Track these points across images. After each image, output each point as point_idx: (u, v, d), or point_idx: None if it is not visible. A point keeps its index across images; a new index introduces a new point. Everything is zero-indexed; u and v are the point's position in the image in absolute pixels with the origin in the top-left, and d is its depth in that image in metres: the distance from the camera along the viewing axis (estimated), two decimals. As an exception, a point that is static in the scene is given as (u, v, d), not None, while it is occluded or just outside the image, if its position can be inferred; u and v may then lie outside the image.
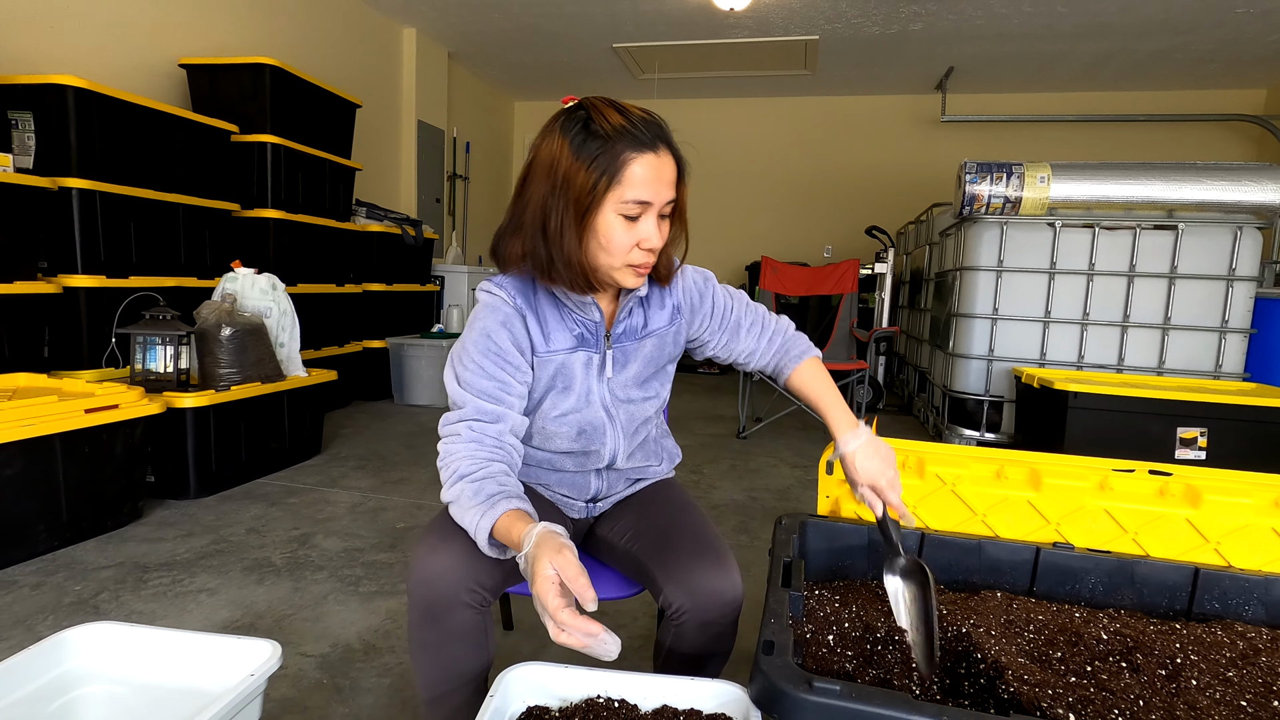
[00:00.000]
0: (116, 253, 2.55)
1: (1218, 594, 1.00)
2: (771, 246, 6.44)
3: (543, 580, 0.72)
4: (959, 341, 3.45)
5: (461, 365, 0.94)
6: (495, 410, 0.91)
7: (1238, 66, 5.11)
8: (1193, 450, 2.59)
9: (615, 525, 1.08)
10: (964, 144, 6.10)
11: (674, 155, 0.89)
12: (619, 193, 0.85)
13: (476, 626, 0.88)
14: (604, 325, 0.99)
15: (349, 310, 3.92)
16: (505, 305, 0.95)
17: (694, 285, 1.07)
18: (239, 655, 0.89)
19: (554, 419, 0.99)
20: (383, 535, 2.12)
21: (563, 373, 0.98)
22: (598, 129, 0.85)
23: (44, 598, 1.67)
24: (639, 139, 0.85)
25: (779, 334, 1.12)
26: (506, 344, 0.93)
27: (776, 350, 1.11)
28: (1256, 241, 3.06)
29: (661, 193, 0.87)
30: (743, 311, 1.11)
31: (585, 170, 0.85)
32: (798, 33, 4.86)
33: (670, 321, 1.04)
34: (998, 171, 3.13)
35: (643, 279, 0.93)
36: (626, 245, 0.88)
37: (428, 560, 0.86)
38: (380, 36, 4.83)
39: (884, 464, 0.97)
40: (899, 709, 0.61)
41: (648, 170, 0.85)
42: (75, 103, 2.38)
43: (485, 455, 0.89)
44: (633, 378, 1.02)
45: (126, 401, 2.08)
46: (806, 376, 1.08)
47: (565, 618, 0.71)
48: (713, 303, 1.08)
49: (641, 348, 1.02)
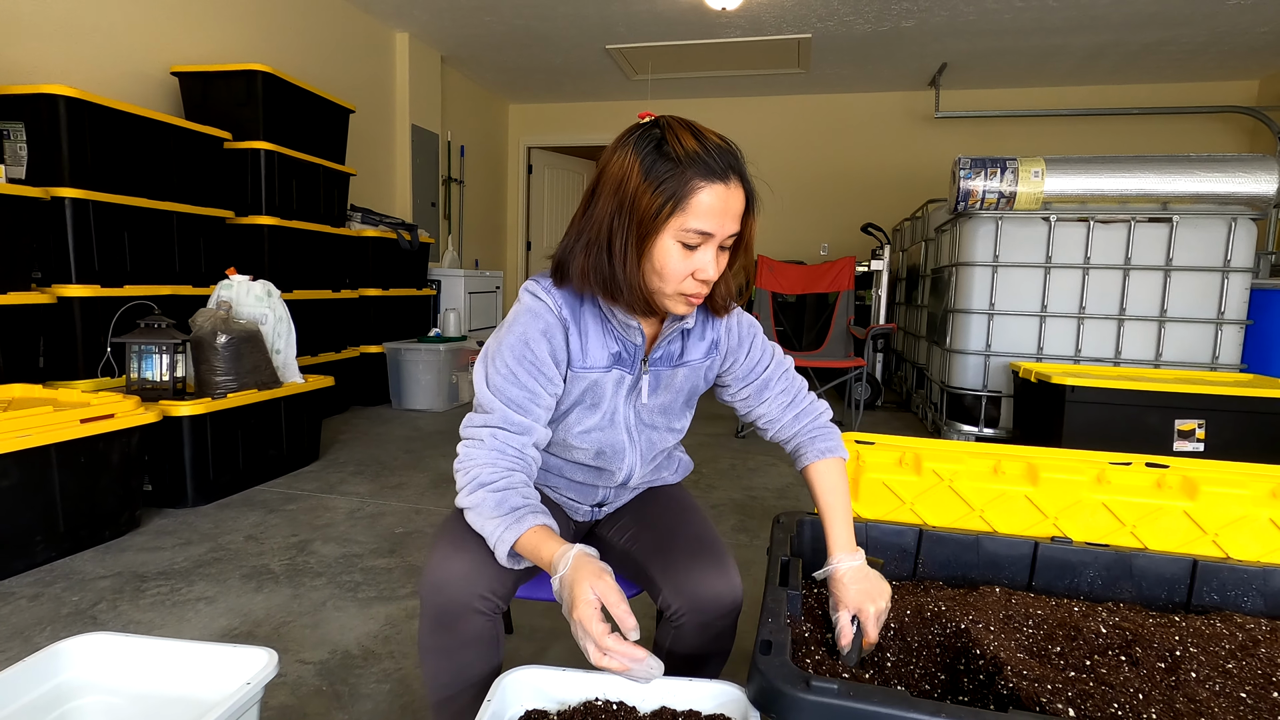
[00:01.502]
0: (110, 262, 2.54)
1: (1216, 586, 1.00)
2: (767, 245, 6.44)
3: (584, 605, 0.73)
4: (956, 337, 3.45)
5: (494, 368, 0.91)
6: (523, 422, 0.90)
7: (1230, 58, 5.12)
8: (1191, 442, 2.59)
9: (616, 526, 1.08)
10: (958, 140, 6.10)
11: (744, 187, 0.86)
12: (682, 220, 0.83)
13: (488, 633, 0.88)
14: (644, 349, 0.97)
15: (345, 316, 3.91)
16: (549, 314, 0.92)
17: (738, 326, 1.04)
18: (236, 663, 0.89)
19: (577, 434, 0.98)
20: (381, 541, 2.12)
21: (593, 390, 0.96)
22: (670, 151, 0.82)
23: (42, 609, 1.66)
24: (711, 167, 0.82)
25: (808, 414, 1.05)
26: (544, 354, 0.91)
27: (800, 431, 1.04)
28: (1251, 233, 3.07)
29: (726, 225, 0.84)
30: (776, 374, 1.06)
31: (652, 193, 0.82)
32: (790, 31, 4.86)
33: (706, 355, 1.02)
34: (992, 167, 3.13)
35: (693, 309, 0.91)
36: (681, 274, 0.86)
37: (441, 566, 0.86)
38: (373, 41, 4.82)
39: (876, 594, 0.89)
40: (897, 707, 0.61)
41: (715, 200, 0.82)
42: (67, 112, 2.37)
43: (507, 465, 0.88)
44: (661, 405, 1.01)
45: (122, 411, 2.07)
46: (825, 476, 1.00)
47: (611, 644, 0.72)
48: (749, 350, 1.04)
49: (674, 376, 1.00)
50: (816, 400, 1.08)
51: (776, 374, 1.06)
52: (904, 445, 1.19)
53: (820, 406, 1.07)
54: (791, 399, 1.06)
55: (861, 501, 1.18)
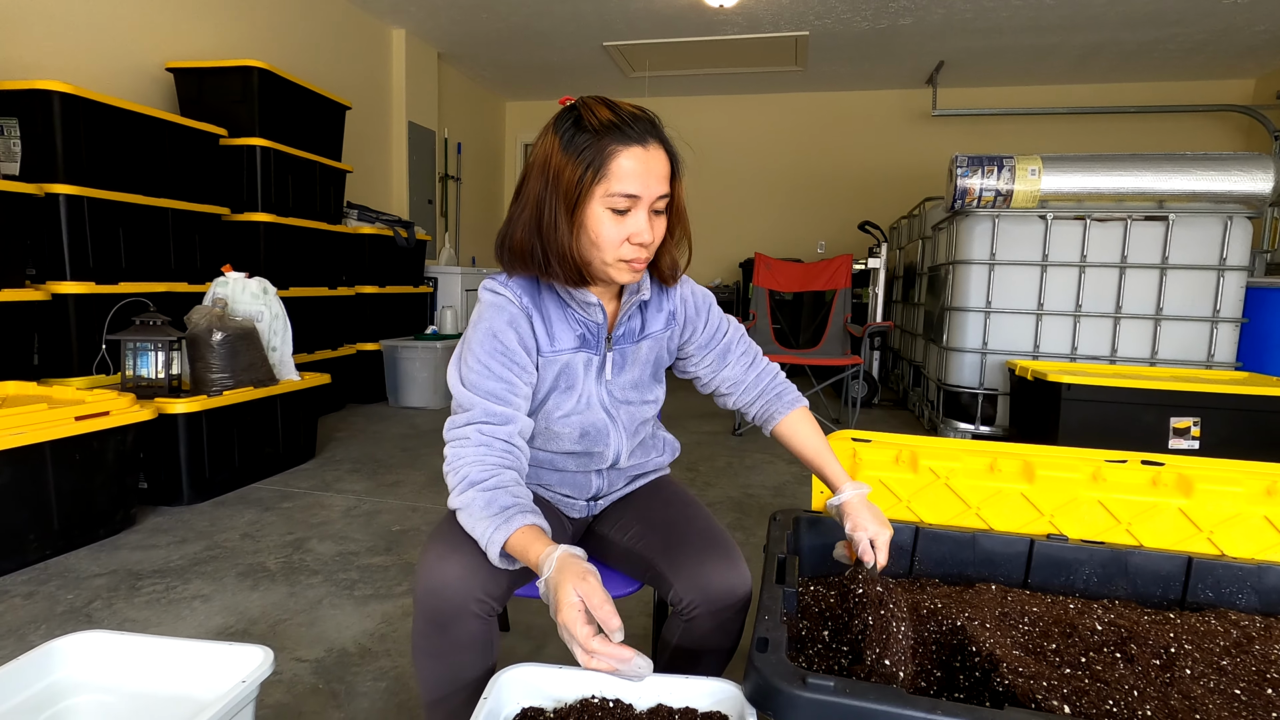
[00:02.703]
0: (105, 258, 2.53)
1: (1211, 583, 1.00)
2: (764, 243, 6.44)
3: (568, 608, 0.72)
4: (953, 335, 3.45)
5: (466, 367, 0.93)
6: (504, 412, 0.91)
7: (1226, 57, 5.13)
8: (1186, 440, 2.60)
9: (617, 524, 1.07)
10: (955, 138, 6.11)
11: (667, 150, 0.89)
12: (605, 186, 0.85)
13: (483, 635, 0.87)
14: (606, 327, 0.99)
15: (342, 313, 3.90)
16: (512, 305, 0.94)
17: (692, 296, 1.08)
18: (231, 661, 0.88)
19: (558, 419, 0.99)
20: (378, 539, 2.11)
21: (566, 373, 0.98)
22: (587, 124, 0.86)
23: (36, 607, 1.66)
24: (626, 134, 0.85)
25: (767, 374, 1.11)
26: (513, 344, 0.93)
27: (763, 391, 1.10)
28: (1247, 231, 3.07)
29: (651, 186, 0.87)
30: (736, 339, 1.11)
31: (573, 164, 0.85)
32: (787, 29, 4.86)
33: (665, 326, 1.04)
34: (989, 165, 3.13)
35: (638, 275, 0.93)
36: (616, 240, 0.88)
37: (436, 568, 0.85)
38: (369, 38, 4.81)
39: (881, 522, 0.95)
40: (893, 704, 0.61)
41: (636, 163, 0.85)
42: (61, 108, 2.36)
43: (495, 461, 0.88)
44: (630, 381, 1.03)
45: (117, 408, 2.06)
46: (800, 426, 1.07)
47: (596, 646, 0.72)
48: (708, 318, 1.09)
49: (638, 351, 1.02)
50: (771, 362, 1.14)
51: (736, 338, 1.11)
52: (901, 443, 1.19)
53: (775, 367, 1.13)
54: (751, 361, 1.12)
55: (858, 499, 1.17)
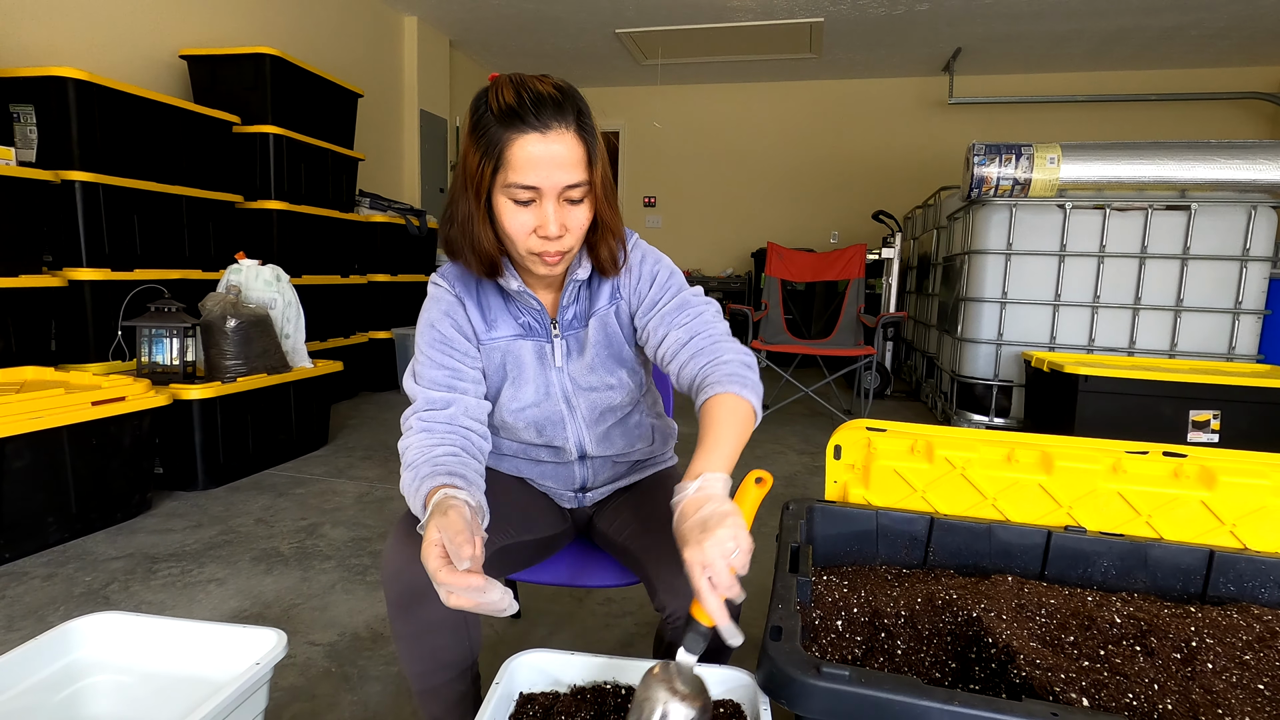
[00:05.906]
0: (120, 245, 2.54)
1: (1233, 576, 0.98)
2: (777, 232, 6.40)
3: (425, 545, 0.69)
4: (967, 326, 3.42)
5: (416, 363, 0.94)
6: (445, 397, 0.91)
7: (1250, 43, 5.02)
8: (1205, 433, 2.56)
9: (614, 520, 1.06)
10: (972, 126, 6.03)
11: (580, 135, 0.80)
12: (504, 176, 0.80)
13: (453, 615, 0.86)
14: (548, 314, 0.96)
15: (354, 301, 3.92)
16: (445, 295, 0.95)
17: (641, 260, 0.97)
18: (245, 644, 0.89)
19: (513, 411, 0.98)
20: (390, 525, 2.12)
21: (512, 361, 0.96)
22: (489, 108, 0.79)
23: (55, 589, 1.68)
24: (526, 120, 0.77)
25: (722, 349, 0.89)
26: (450, 331, 0.94)
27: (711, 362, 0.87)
28: (1271, 221, 3.01)
29: (554, 176, 0.79)
30: (694, 303, 0.94)
31: (474, 152, 0.81)
32: (802, 15, 4.80)
33: (610, 300, 0.97)
34: (1007, 153, 3.09)
35: (555, 267, 0.87)
36: (523, 232, 0.83)
37: (396, 552, 0.85)
38: (381, 25, 4.80)
39: (711, 541, 0.65)
40: (909, 694, 0.60)
41: (531, 153, 0.78)
42: (76, 95, 2.37)
43: (433, 442, 0.87)
44: (588, 365, 0.98)
45: (133, 394, 2.08)
46: (726, 402, 0.82)
47: (444, 576, 0.66)
48: (655, 273, 0.96)
49: (588, 333, 0.98)
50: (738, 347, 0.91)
51: (696, 303, 0.94)
52: (916, 433, 1.17)
53: (737, 348, 0.90)
54: (706, 331, 0.91)
55: (872, 489, 1.16)
